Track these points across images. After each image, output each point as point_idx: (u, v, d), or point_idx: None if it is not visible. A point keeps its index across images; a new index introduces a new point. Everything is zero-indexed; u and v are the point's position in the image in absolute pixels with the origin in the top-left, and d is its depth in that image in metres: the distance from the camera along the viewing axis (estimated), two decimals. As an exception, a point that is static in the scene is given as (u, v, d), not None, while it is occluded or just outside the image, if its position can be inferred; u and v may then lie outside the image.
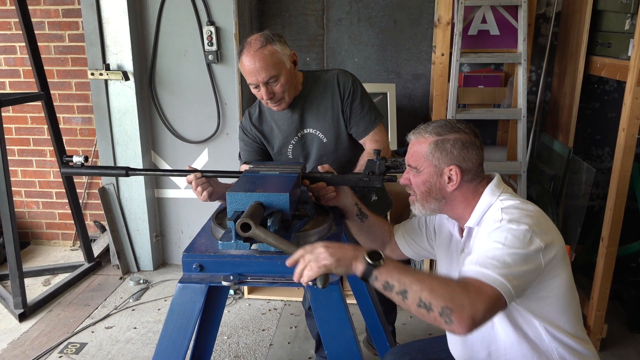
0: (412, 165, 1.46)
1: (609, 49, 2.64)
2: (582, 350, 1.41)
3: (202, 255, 1.37)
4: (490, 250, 1.27)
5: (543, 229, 1.32)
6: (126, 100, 3.28)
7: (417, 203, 1.48)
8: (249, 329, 2.88)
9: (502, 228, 1.30)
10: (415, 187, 1.46)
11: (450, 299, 1.16)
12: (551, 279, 1.33)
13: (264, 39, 1.81)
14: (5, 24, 3.62)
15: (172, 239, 3.66)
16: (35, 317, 2.99)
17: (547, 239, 1.31)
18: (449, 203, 1.45)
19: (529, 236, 1.28)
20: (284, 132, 2.03)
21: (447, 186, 1.42)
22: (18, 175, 3.88)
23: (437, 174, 1.42)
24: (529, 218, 1.33)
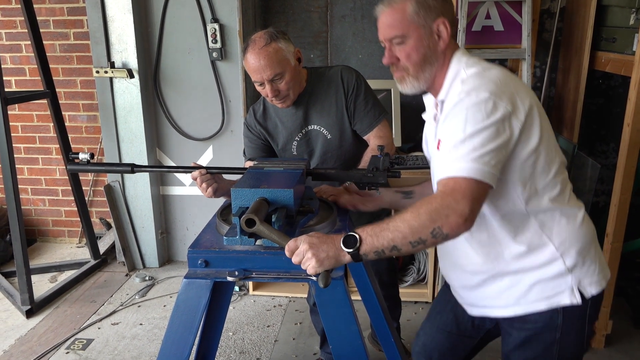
0: (398, 35, 1.33)
1: (613, 44, 2.63)
2: (567, 210, 1.35)
3: (208, 251, 1.38)
4: (454, 135, 1.21)
5: (508, 91, 1.24)
6: (131, 98, 3.29)
7: (410, 78, 1.37)
8: (254, 325, 2.89)
9: (462, 104, 1.22)
10: (406, 60, 1.35)
11: (432, 220, 1.15)
12: (526, 141, 1.26)
13: (268, 36, 1.82)
14: (10, 22, 3.64)
15: (177, 236, 3.67)
16: (42, 314, 3.01)
17: (513, 100, 1.23)
18: (439, 67, 1.36)
19: (491, 104, 1.20)
20: (288, 128, 2.03)
21: (439, 45, 1.34)
22: (24, 173, 3.90)
23: (427, 34, 1.33)
24: (490, 84, 1.23)
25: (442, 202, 1.16)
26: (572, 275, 1.32)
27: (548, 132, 1.31)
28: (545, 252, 1.32)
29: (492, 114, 1.19)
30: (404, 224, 1.18)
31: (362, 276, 1.85)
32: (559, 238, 1.33)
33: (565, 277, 1.32)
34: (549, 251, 1.32)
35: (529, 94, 1.29)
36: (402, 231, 1.17)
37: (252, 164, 1.72)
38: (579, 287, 1.32)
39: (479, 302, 1.46)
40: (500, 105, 1.20)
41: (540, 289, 1.33)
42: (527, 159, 1.27)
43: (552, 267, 1.32)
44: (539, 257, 1.32)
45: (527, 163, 1.27)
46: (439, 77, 1.37)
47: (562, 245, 1.32)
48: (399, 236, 1.17)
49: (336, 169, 1.68)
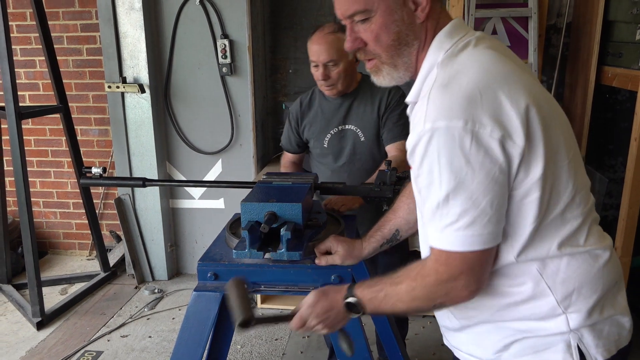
0: (359, 10, 1.00)
1: (620, 59, 2.64)
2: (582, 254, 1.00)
3: (217, 264, 1.40)
4: (432, 192, 0.93)
5: (492, 102, 0.89)
6: (142, 113, 3.35)
7: (385, 66, 1.06)
8: (262, 338, 2.90)
9: (431, 144, 0.89)
10: (376, 43, 1.02)
11: (430, 299, 1.00)
12: (526, 171, 0.93)
13: (337, 27, 1.97)
14: (25, 38, 3.72)
15: (186, 249, 3.70)
16: (53, 326, 3.04)
17: (502, 116, 0.88)
18: (422, 46, 1.04)
19: (469, 139, 0.87)
20: (327, 120, 2.13)
21: (417, 16, 1.01)
22: (37, 186, 3.96)
23: (398, 3, 1.00)
24: (464, 101, 0.89)
25: (439, 279, 0.97)
26: (573, 333, 1.01)
27: (558, 147, 0.95)
28: (542, 304, 1.01)
29: (476, 152, 0.87)
30: (401, 301, 1.03)
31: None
32: (564, 289, 1.00)
33: (565, 335, 1.01)
34: (548, 304, 1.00)
35: (530, 94, 0.94)
36: (401, 306, 1.04)
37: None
38: (578, 345, 1.00)
39: (461, 346, 1.17)
40: (483, 133, 0.87)
41: (529, 344, 1.04)
42: (524, 197, 0.95)
43: (550, 324, 1.01)
44: (534, 310, 1.01)
45: (523, 203, 0.95)
46: (422, 60, 1.05)
47: (567, 299, 1.00)
48: (399, 308, 1.05)
49: (343, 183, 1.70)
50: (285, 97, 3.61)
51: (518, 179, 0.93)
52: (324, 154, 2.15)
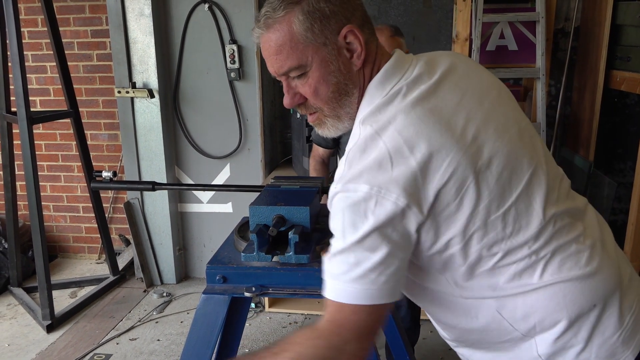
0: (293, 67, 0.97)
1: (628, 63, 2.64)
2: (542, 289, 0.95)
3: (225, 267, 1.41)
4: (335, 240, 0.94)
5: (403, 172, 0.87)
6: (151, 117, 3.37)
7: (329, 119, 1.03)
8: (270, 342, 2.91)
9: (338, 205, 0.91)
10: (315, 97, 0.99)
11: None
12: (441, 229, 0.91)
13: (394, 30, 2.10)
14: (36, 44, 3.77)
15: (195, 253, 3.72)
16: (63, 329, 3.06)
17: (412, 184, 0.87)
18: (361, 93, 1.00)
19: (372, 205, 0.87)
20: None
21: (353, 63, 0.97)
22: (47, 190, 3.99)
23: (333, 53, 0.96)
24: (375, 166, 0.88)
25: (329, 345, 0.90)
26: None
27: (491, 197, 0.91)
28: (506, 332, 0.99)
29: (373, 216, 0.88)
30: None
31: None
32: (526, 324, 0.97)
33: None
34: (516, 335, 0.99)
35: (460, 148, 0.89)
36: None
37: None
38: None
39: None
40: (387, 198, 0.87)
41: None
42: (443, 252, 0.94)
43: (521, 347, 1.00)
44: (504, 342, 1.01)
45: (444, 256, 0.94)
46: None
47: (530, 332, 0.97)
48: None
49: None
50: (293, 101, 3.62)
51: (427, 238, 0.92)
52: None
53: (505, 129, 0.97)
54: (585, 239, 0.99)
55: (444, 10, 3.36)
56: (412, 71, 0.98)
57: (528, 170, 0.96)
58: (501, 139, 0.95)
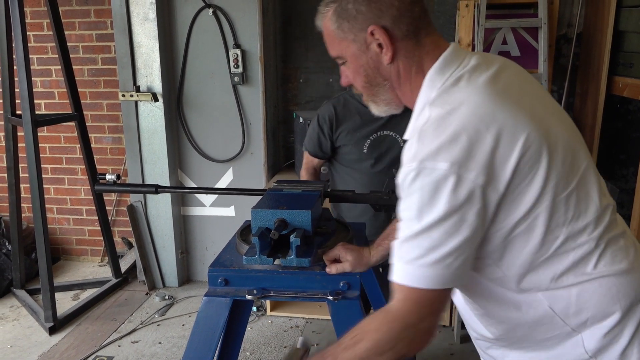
0: (335, 57, 1.12)
1: (631, 69, 2.64)
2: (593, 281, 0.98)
3: (227, 270, 1.42)
4: (408, 224, 0.94)
5: (482, 146, 0.89)
6: (155, 121, 3.39)
7: (369, 102, 1.14)
8: (271, 346, 2.91)
9: (415, 183, 0.91)
10: (355, 82, 1.11)
11: (396, 351, 0.95)
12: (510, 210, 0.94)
13: None
14: (42, 48, 3.80)
15: (197, 256, 3.73)
16: (65, 331, 3.07)
17: (487, 159, 0.89)
18: (395, 85, 1.07)
19: (452, 182, 0.88)
20: (367, 126, 2.16)
21: (383, 58, 1.04)
22: (51, 193, 4.01)
23: (362, 49, 1.05)
24: (453, 143, 0.89)
25: (406, 325, 0.95)
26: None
27: (557, 180, 0.94)
28: (557, 333, 1.02)
29: (455, 195, 0.88)
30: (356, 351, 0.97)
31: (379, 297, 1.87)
32: (577, 319, 1.00)
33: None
34: (564, 331, 1.02)
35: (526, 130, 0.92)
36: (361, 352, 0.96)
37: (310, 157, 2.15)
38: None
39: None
40: (466, 179, 0.88)
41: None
42: (509, 234, 0.96)
43: (567, 345, 1.03)
44: (551, 339, 1.04)
45: (509, 240, 0.97)
46: (404, 96, 1.09)
47: (580, 327, 1.01)
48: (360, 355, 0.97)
49: (353, 191, 1.72)
50: (296, 106, 3.64)
51: (498, 219, 0.94)
52: (361, 159, 2.17)
53: (562, 119, 1.04)
54: (627, 235, 1.05)
55: (446, 16, 3.37)
56: (469, 61, 1.03)
57: (584, 160, 1.01)
58: (561, 126, 1.00)
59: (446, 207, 0.89)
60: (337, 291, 1.35)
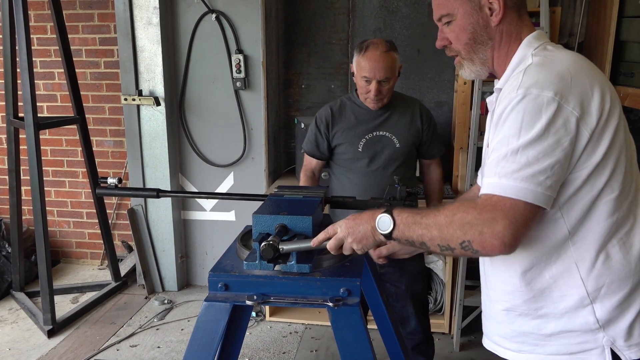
0: (444, 14, 1.23)
1: (632, 79, 2.65)
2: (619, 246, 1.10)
3: (228, 275, 1.42)
4: (507, 142, 1.04)
5: (579, 89, 1.05)
6: (157, 125, 3.40)
7: (465, 61, 1.25)
8: (270, 352, 2.90)
9: (519, 105, 1.04)
10: (457, 41, 1.23)
11: (463, 232, 1.03)
12: (589, 154, 1.06)
13: (389, 45, 2.12)
14: (45, 51, 3.81)
15: (197, 260, 3.73)
16: (64, 334, 3.07)
17: (584, 102, 1.04)
18: (496, 46, 1.21)
19: (554, 106, 1.02)
20: (362, 125, 2.24)
21: (492, 20, 1.19)
22: (51, 196, 4.02)
23: (476, 8, 1.19)
24: (557, 79, 1.05)
25: (479, 217, 1.02)
26: (604, 332, 1.11)
27: (622, 142, 1.11)
28: (573, 294, 1.12)
29: (555, 119, 1.02)
30: (436, 226, 1.08)
31: (379, 305, 1.87)
32: (596, 283, 1.11)
33: (596, 333, 1.11)
34: (579, 295, 1.11)
35: (608, 92, 1.09)
36: (433, 232, 1.09)
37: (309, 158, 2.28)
38: (612, 348, 1.11)
39: (492, 335, 1.31)
40: (565, 108, 1.02)
41: (563, 341, 1.14)
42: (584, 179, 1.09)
43: (579, 315, 1.12)
44: (565, 299, 1.13)
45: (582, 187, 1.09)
46: (498, 58, 1.22)
47: (596, 292, 1.11)
48: (428, 235, 1.09)
49: (354, 197, 1.72)
50: (297, 111, 3.65)
51: (582, 159, 1.06)
52: (356, 158, 2.23)
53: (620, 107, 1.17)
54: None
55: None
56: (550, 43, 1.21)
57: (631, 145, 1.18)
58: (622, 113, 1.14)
59: (545, 128, 1.01)
60: (337, 297, 1.35)
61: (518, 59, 1.18)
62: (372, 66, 2.09)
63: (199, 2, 3.27)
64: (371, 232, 1.20)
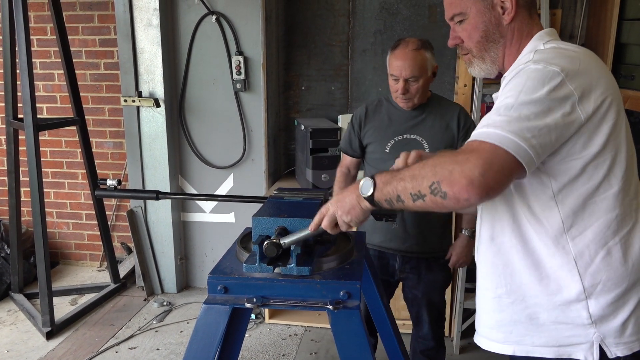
0: (456, 13, 1.25)
1: (632, 81, 2.65)
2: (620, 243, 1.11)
3: (227, 278, 1.41)
4: (503, 101, 1.05)
5: (585, 77, 1.06)
6: (156, 126, 3.40)
7: (476, 60, 1.27)
8: (269, 354, 2.90)
9: (524, 72, 1.07)
10: (469, 40, 1.25)
11: (434, 172, 1.01)
12: (585, 145, 1.07)
13: (421, 44, 2.07)
14: (45, 52, 3.81)
15: (196, 262, 3.72)
16: (62, 336, 3.06)
17: (586, 85, 1.05)
18: (507, 44, 1.22)
19: (558, 79, 1.03)
20: (394, 126, 2.18)
21: (504, 18, 1.21)
22: (50, 197, 4.01)
23: (488, 7, 1.21)
24: (566, 59, 1.07)
25: (453, 158, 1.00)
26: (595, 329, 1.11)
27: (623, 138, 1.12)
28: (570, 287, 1.12)
29: (555, 90, 1.02)
30: (410, 175, 1.06)
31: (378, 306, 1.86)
32: (593, 279, 1.11)
33: (587, 328, 1.12)
34: (575, 289, 1.11)
35: (609, 84, 1.10)
36: (406, 183, 1.06)
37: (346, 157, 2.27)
38: (600, 344, 1.12)
39: (479, 326, 1.29)
40: (567, 86, 1.03)
41: (553, 333, 1.14)
42: (584, 167, 1.09)
43: (572, 309, 1.12)
44: (562, 292, 1.12)
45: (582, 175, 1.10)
46: (509, 56, 1.23)
47: (592, 287, 1.11)
48: (401, 186, 1.07)
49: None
50: (297, 113, 3.65)
51: (576, 147, 1.07)
52: (384, 159, 2.18)
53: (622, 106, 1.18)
54: None
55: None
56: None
57: (632, 148, 1.17)
58: (624, 112, 1.16)
59: (544, 94, 1.02)
60: (337, 300, 1.34)
61: (530, 48, 1.19)
62: (398, 64, 2.05)
63: (199, 4, 3.27)
64: (356, 200, 1.19)
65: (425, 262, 2.20)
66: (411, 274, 2.21)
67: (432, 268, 2.21)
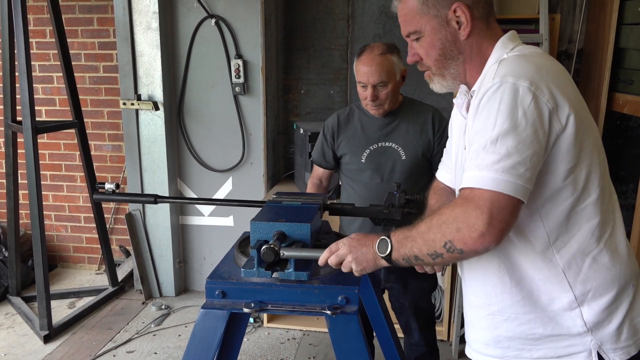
0: (412, 32, 1.21)
1: (631, 86, 2.65)
2: (605, 251, 1.12)
3: (225, 282, 1.41)
4: (483, 133, 1.03)
5: (553, 84, 1.05)
6: (155, 129, 3.39)
7: (435, 77, 1.24)
8: (267, 358, 2.89)
9: (495, 95, 1.03)
10: (427, 57, 1.22)
11: (442, 233, 1.03)
12: (568, 151, 1.06)
13: (387, 48, 2.01)
14: (44, 55, 3.81)
15: (194, 266, 3.71)
16: (60, 339, 3.05)
17: (556, 94, 1.04)
18: (467, 59, 1.19)
19: (530, 97, 1.01)
20: (367, 136, 2.14)
21: (460, 34, 1.17)
22: (49, 200, 4.00)
23: (443, 24, 1.17)
24: (532, 70, 1.05)
25: (452, 213, 1.02)
26: (592, 336, 1.12)
27: (591, 147, 1.11)
28: (562, 298, 1.12)
29: (530, 109, 1.01)
30: (420, 235, 1.09)
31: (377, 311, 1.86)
32: (583, 287, 1.12)
33: (584, 337, 1.12)
34: (567, 298, 1.12)
35: (575, 100, 1.08)
36: (419, 243, 1.09)
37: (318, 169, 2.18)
38: (598, 351, 1.12)
39: (473, 342, 1.28)
40: (540, 99, 1.02)
41: (551, 345, 1.14)
42: (564, 181, 1.09)
43: (566, 318, 1.13)
44: (554, 303, 1.13)
45: (559, 189, 1.10)
46: (471, 70, 1.20)
47: (583, 295, 1.12)
48: (417, 247, 1.09)
49: (352, 204, 1.71)
50: (296, 117, 3.65)
51: (555, 160, 1.06)
52: (360, 169, 2.14)
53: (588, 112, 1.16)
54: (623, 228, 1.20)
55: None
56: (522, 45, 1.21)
57: (602, 152, 1.17)
58: (590, 117, 1.15)
59: (523, 117, 1.00)
60: (335, 305, 1.34)
61: (494, 58, 1.16)
62: (365, 70, 2.00)
63: (199, 7, 3.27)
64: (373, 256, 1.20)
65: (412, 270, 2.18)
66: (396, 284, 2.18)
67: (418, 276, 2.18)
